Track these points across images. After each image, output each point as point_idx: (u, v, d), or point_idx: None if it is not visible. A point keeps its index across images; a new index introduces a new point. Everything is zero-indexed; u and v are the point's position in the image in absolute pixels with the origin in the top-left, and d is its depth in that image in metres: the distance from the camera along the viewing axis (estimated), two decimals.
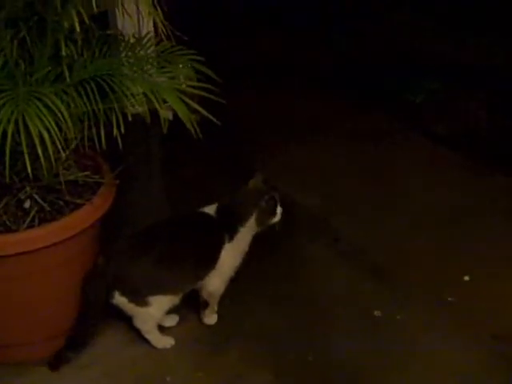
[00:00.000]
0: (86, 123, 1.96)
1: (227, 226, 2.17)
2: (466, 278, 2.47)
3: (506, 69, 3.61)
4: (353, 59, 4.05)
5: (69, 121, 1.77)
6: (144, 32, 2.25)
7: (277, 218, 2.19)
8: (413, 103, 3.59)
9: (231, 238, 2.16)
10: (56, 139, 1.74)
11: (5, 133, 1.70)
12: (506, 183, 2.99)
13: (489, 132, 3.32)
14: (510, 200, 2.88)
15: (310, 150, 3.24)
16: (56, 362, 2.07)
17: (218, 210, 2.19)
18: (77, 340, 2.08)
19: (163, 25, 1.95)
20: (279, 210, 2.19)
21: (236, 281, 2.23)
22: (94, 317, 2.08)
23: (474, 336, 2.22)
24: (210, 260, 2.16)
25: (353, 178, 3.05)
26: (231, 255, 2.18)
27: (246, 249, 2.21)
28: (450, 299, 2.37)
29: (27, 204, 1.99)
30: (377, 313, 2.31)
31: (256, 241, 2.22)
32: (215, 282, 2.20)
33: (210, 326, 2.26)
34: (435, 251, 2.59)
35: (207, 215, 2.19)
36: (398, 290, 2.41)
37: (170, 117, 2.07)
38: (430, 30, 4.20)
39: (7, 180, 1.86)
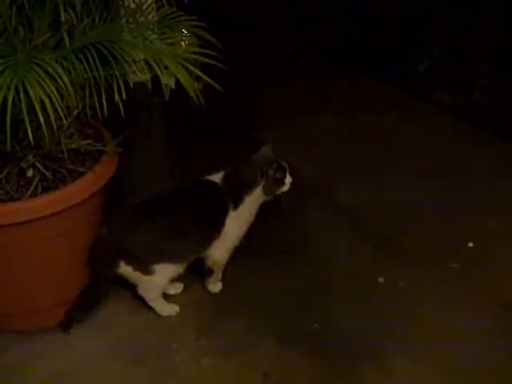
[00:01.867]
0: (88, 91, 1.94)
1: (232, 195, 2.16)
2: (470, 244, 2.46)
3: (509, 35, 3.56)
4: (356, 28, 4.00)
5: (70, 87, 1.74)
6: None
7: (285, 188, 2.18)
8: (417, 71, 3.56)
9: (236, 207, 2.15)
10: (58, 106, 1.72)
11: (5, 100, 1.68)
12: (506, 149, 2.98)
13: (490, 98, 3.29)
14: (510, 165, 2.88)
15: (313, 120, 3.23)
16: (67, 323, 2.08)
17: (225, 178, 2.18)
18: (87, 302, 2.09)
19: None
20: (288, 179, 2.17)
21: (240, 249, 2.23)
22: (102, 285, 2.08)
23: (478, 302, 2.22)
24: (214, 229, 2.15)
25: (355, 147, 3.05)
26: (236, 224, 2.17)
27: (252, 218, 2.20)
28: (454, 266, 2.37)
29: (30, 173, 1.98)
30: (380, 280, 2.32)
31: (260, 210, 2.21)
32: (220, 251, 2.20)
33: (214, 294, 2.27)
34: (438, 217, 2.59)
35: (213, 183, 2.18)
36: (401, 257, 2.41)
37: (173, 85, 2.04)
38: None
39: (8, 148, 1.84)
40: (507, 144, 3.00)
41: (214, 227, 2.16)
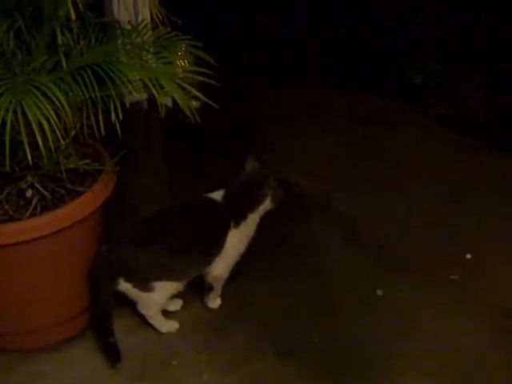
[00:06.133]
0: (85, 111, 1.97)
1: (234, 212, 2.18)
2: (468, 256, 2.47)
3: (505, 48, 3.59)
4: (352, 42, 4.03)
5: (67, 109, 1.77)
6: (140, 19, 2.25)
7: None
8: (413, 84, 3.58)
9: (237, 224, 2.17)
10: (55, 127, 1.75)
11: (4, 122, 1.71)
12: (504, 161, 2.99)
13: (486, 111, 3.31)
14: (508, 177, 2.89)
15: (310, 134, 3.25)
16: (113, 356, 2.06)
17: (225, 196, 2.20)
18: (104, 325, 2.07)
19: (158, 11, 1.95)
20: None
21: (240, 264, 2.24)
22: (106, 302, 2.08)
23: (477, 313, 2.23)
24: (215, 246, 2.17)
25: (353, 159, 3.07)
26: (237, 240, 2.19)
27: (252, 234, 2.22)
28: (452, 277, 2.38)
29: (29, 193, 2.01)
30: (379, 292, 2.33)
31: (258, 224, 2.23)
32: (220, 267, 2.21)
33: (213, 310, 2.27)
34: (436, 230, 2.60)
35: (213, 201, 2.20)
36: (399, 269, 2.42)
37: (169, 103, 2.07)
38: (429, 10, 4.17)
39: (8, 169, 1.87)
40: (504, 154, 3.01)
41: (215, 245, 2.17)
